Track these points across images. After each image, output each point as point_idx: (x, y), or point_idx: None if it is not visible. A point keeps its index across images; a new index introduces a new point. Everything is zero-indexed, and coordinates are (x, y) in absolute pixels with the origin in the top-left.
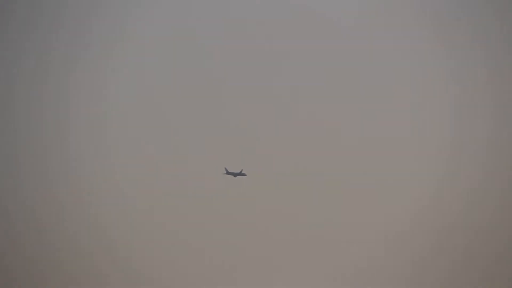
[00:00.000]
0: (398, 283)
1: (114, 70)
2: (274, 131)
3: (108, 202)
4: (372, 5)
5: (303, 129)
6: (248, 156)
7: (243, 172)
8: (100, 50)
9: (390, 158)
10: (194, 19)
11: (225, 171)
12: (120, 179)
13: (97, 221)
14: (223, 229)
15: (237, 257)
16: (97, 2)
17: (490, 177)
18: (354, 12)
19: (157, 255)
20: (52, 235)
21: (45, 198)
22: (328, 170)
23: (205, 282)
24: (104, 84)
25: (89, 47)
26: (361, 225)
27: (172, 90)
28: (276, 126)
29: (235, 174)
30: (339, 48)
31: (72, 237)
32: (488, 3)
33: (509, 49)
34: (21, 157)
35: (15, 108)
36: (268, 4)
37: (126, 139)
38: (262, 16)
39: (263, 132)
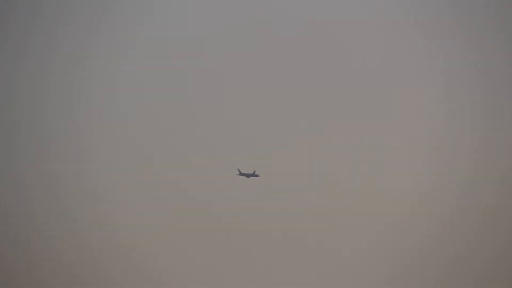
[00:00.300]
0: (395, 284)
1: (118, 70)
2: (274, 133)
3: (114, 203)
4: (371, 9)
5: (300, 130)
6: (248, 157)
7: (256, 173)
8: (101, 52)
9: (387, 159)
10: (194, 19)
11: (238, 172)
12: (122, 180)
13: (103, 222)
14: (224, 229)
15: (239, 257)
16: (98, 4)
17: (486, 177)
18: (351, 14)
19: (159, 255)
20: (56, 235)
21: (49, 199)
22: (325, 171)
23: (204, 282)
24: (106, 84)
25: (91, 48)
26: (359, 226)
27: (174, 91)
28: (275, 128)
29: (248, 175)
30: (337, 49)
31: (77, 237)
32: (483, 7)
33: (504, 51)
34: (24, 157)
35: (18, 107)
36: (268, 5)
37: (129, 139)
38: (262, 17)
39: (263, 133)
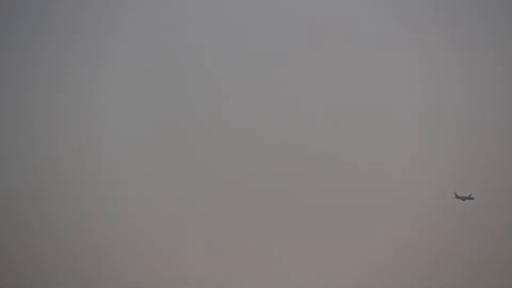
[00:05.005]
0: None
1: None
2: (275, 133)
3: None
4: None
5: (305, 129)
6: (249, 157)
7: (471, 196)
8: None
9: (396, 161)
10: (194, 19)
11: (454, 196)
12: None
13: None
14: (226, 229)
15: (245, 257)
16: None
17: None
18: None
19: (161, 256)
20: (67, 239)
21: (62, 203)
22: (323, 167)
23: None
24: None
25: (102, 48)
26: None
27: (176, 92)
28: (277, 127)
29: (463, 198)
30: (335, 48)
31: (89, 236)
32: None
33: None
34: (36, 158)
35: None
36: (267, 6)
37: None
38: (261, 18)
39: (263, 133)
